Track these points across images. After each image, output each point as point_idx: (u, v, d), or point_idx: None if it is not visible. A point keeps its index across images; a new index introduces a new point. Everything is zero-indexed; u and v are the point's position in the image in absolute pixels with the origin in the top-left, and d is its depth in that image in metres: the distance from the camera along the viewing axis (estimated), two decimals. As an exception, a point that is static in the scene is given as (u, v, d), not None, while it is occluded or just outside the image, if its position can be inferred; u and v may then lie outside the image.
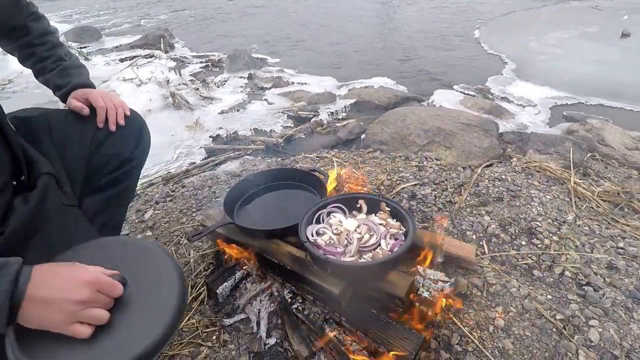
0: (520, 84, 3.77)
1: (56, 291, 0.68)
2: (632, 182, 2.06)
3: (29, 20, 1.23)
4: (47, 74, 1.27)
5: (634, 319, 1.28)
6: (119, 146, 1.24)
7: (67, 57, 1.30)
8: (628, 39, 4.74)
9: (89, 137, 1.18)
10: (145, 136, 1.34)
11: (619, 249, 1.57)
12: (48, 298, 0.67)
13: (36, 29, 1.25)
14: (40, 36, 1.26)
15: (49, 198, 0.93)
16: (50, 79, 1.27)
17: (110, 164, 1.22)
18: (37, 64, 1.28)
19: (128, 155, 1.25)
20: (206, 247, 1.72)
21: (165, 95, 3.72)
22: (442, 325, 1.29)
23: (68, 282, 0.70)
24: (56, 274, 0.71)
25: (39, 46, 1.25)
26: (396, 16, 7.14)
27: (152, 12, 9.31)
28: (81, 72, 1.31)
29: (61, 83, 1.26)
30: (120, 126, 1.24)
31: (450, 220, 1.78)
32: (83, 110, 1.20)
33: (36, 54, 1.26)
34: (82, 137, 1.18)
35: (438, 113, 2.65)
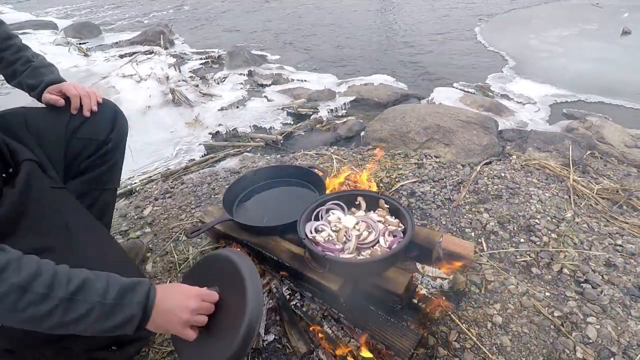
0: (520, 81, 3.76)
1: (176, 303, 0.90)
2: (631, 179, 2.06)
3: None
4: (18, 77, 1.30)
5: (631, 316, 1.28)
6: (94, 130, 1.29)
7: (34, 58, 1.34)
8: (628, 36, 4.72)
9: (64, 125, 1.24)
10: (119, 119, 1.38)
11: (617, 246, 1.58)
12: (171, 309, 0.88)
13: None
14: (4, 40, 1.28)
15: (33, 181, 0.98)
16: (23, 81, 1.30)
17: (88, 148, 1.27)
18: (7, 68, 1.31)
19: (103, 139, 1.31)
20: (205, 243, 1.72)
21: (164, 91, 3.71)
22: (440, 322, 1.29)
23: (183, 295, 0.92)
24: (173, 290, 0.93)
25: (5, 50, 1.28)
26: (396, 13, 7.12)
27: (152, 8, 9.27)
28: (52, 70, 1.35)
29: (34, 83, 1.29)
30: (93, 112, 1.30)
31: (449, 217, 1.78)
32: (58, 102, 1.26)
33: (4, 59, 1.29)
34: (58, 126, 1.23)
35: (437, 110, 2.65)
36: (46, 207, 0.99)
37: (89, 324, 0.79)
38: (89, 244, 1.06)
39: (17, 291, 0.73)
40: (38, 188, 0.99)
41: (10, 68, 1.30)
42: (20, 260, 0.76)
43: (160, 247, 1.77)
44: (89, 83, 3.95)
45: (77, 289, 0.79)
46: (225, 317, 1.00)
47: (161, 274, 1.63)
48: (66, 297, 0.77)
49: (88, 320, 0.78)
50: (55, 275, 0.78)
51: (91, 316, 0.78)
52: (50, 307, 0.75)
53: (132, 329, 0.83)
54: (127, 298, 0.83)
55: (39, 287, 0.75)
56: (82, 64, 4.78)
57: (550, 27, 5.33)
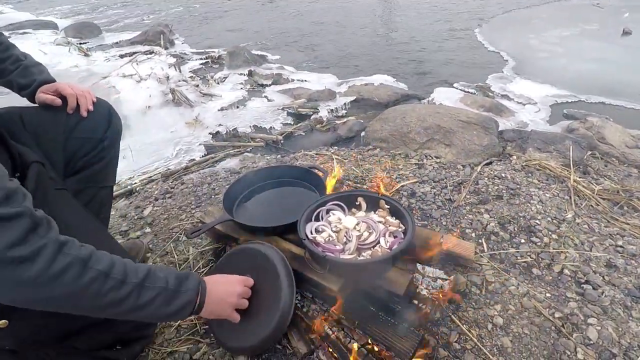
0: (521, 81, 3.75)
1: (225, 288, 1.08)
2: (632, 180, 2.06)
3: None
4: (8, 76, 1.29)
5: (632, 317, 1.28)
6: (91, 129, 1.30)
7: (23, 57, 1.33)
8: (629, 36, 4.72)
9: (62, 125, 1.25)
10: (114, 117, 1.39)
11: (618, 247, 1.57)
12: (221, 295, 1.05)
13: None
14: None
15: (41, 183, 0.99)
16: (14, 80, 1.29)
17: (84, 146, 1.28)
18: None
19: (100, 137, 1.32)
20: (205, 243, 1.72)
21: (164, 91, 3.70)
22: (441, 323, 1.29)
23: (229, 282, 1.11)
24: (219, 278, 1.11)
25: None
26: (396, 13, 7.11)
27: (152, 9, 9.27)
28: (41, 69, 1.35)
29: (26, 82, 1.29)
30: (89, 111, 1.31)
31: (449, 218, 1.78)
32: (55, 102, 1.26)
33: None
34: (55, 126, 1.24)
35: (438, 111, 2.65)
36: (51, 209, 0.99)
37: (153, 309, 0.87)
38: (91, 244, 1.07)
39: (102, 277, 0.81)
40: (44, 190, 0.99)
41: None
42: (97, 251, 0.84)
43: (161, 247, 1.77)
44: (89, 83, 3.95)
45: (145, 276, 0.88)
46: (259, 303, 1.19)
47: (161, 274, 1.62)
48: (138, 282, 0.86)
49: (153, 305, 0.87)
50: (126, 265, 0.86)
51: (156, 301, 0.88)
52: (127, 292, 0.83)
53: (186, 314, 0.95)
54: (184, 285, 0.94)
55: (118, 273, 0.83)
56: (82, 63, 4.78)
57: (551, 27, 5.33)
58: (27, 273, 0.71)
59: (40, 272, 0.72)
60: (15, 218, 0.71)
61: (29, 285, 0.72)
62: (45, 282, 0.73)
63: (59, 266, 0.75)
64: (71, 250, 0.78)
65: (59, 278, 0.75)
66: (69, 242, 0.79)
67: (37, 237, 0.74)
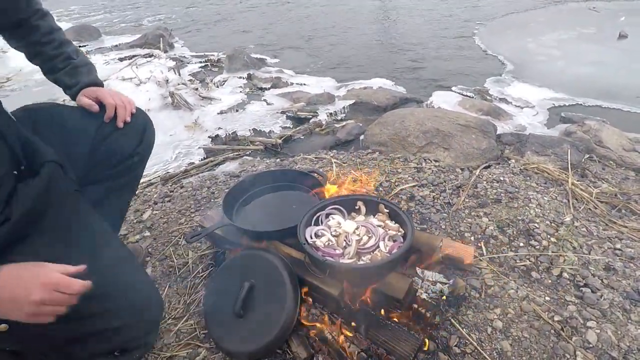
0: (519, 85, 3.77)
1: (16, 293, 0.80)
2: (630, 183, 2.07)
3: (35, 19, 1.24)
4: (56, 73, 1.29)
5: (631, 320, 1.28)
6: (123, 142, 1.28)
7: (75, 55, 1.32)
8: (625, 40, 4.75)
9: (94, 130, 1.23)
10: (149, 133, 1.38)
11: (616, 250, 1.58)
12: (10, 299, 0.79)
13: (42, 27, 1.25)
14: (47, 34, 1.26)
15: (55, 184, 0.96)
16: (60, 79, 1.29)
17: (113, 157, 1.26)
18: (46, 63, 1.29)
19: (130, 151, 1.30)
20: (205, 247, 1.72)
21: (164, 95, 3.71)
22: (441, 326, 1.29)
23: (28, 284, 0.81)
24: (20, 277, 0.82)
25: (47, 44, 1.26)
26: (395, 18, 7.15)
27: (152, 12, 9.29)
28: (90, 70, 1.34)
29: (71, 83, 1.29)
30: (126, 122, 1.29)
31: (448, 221, 1.78)
32: (93, 107, 1.25)
33: (44, 53, 1.27)
34: (87, 130, 1.22)
35: (436, 114, 2.66)
36: (64, 211, 0.98)
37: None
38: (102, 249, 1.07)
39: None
40: (59, 191, 0.98)
41: (49, 63, 1.28)
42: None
43: (160, 251, 1.76)
44: (88, 86, 3.94)
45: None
46: (262, 308, 1.20)
47: (160, 278, 1.62)
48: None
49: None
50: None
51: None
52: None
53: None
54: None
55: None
56: (81, 67, 4.77)
57: (548, 31, 5.36)
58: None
59: None
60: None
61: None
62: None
63: None
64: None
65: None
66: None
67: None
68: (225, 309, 1.25)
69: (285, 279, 1.23)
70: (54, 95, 4.00)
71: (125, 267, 1.15)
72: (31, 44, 1.27)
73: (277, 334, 1.16)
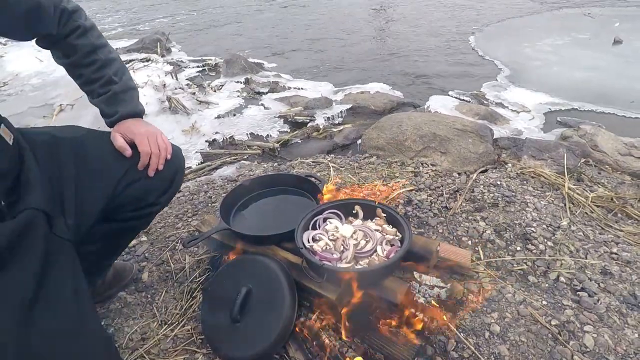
0: (515, 89, 3.80)
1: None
2: (625, 187, 2.08)
3: (73, 38, 1.14)
4: (95, 98, 1.21)
5: (628, 324, 1.29)
6: (149, 190, 1.20)
7: (117, 77, 1.21)
8: (620, 45, 4.80)
9: (120, 174, 1.13)
10: (177, 180, 1.30)
11: (612, 254, 1.59)
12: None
13: (82, 47, 1.15)
14: (87, 54, 1.16)
15: (29, 233, 0.83)
16: (99, 105, 1.21)
17: (134, 203, 1.19)
18: (86, 86, 1.21)
19: (154, 200, 1.23)
20: (202, 252, 1.71)
21: (161, 99, 3.71)
22: (438, 331, 1.29)
23: None
24: None
25: (87, 67, 1.17)
26: (391, 22, 7.19)
27: (148, 16, 9.31)
28: (131, 96, 1.24)
29: (109, 112, 1.20)
30: (158, 171, 1.20)
31: (445, 225, 1.78)
32: (125, 152, 1.15)
33: (84, 75, 1.18)
34: (111, 172, 1.13)
35: (434, 119, 2.67)
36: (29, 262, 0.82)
37: None
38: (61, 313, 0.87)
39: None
40: (30, 242, 0.83)
41: (89, 86, 1.20)
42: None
43: (157, 256, 1.76)
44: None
45: None
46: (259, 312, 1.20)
47: (157, 283, 1.61)
48: None
49: None
50: None
51: None
52: None
53: None
54: None
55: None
56: (78, 71, 4.77)
57: (544, 36, 5.41)
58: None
59: None
60: None
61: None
62: None
63: None
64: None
65: None
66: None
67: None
68: (223, 314, 1.25)
69: (283, 284, 1.22)
70: (50, 101, 4.00)
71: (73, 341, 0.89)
72: (72, 65, 1.19)
73: (275, 339, 1.16)
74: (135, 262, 1.70)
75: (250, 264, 1.32)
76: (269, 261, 1.29)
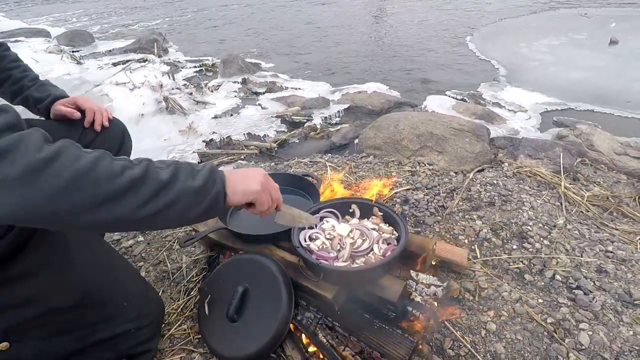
0: (512, 89, 3.81)
1: (243, 173, 0.91)
2: (621, 186, 2.09)
3: (2, 50, 1.33)
4: (25, 91, 1.33)
5: (623, 322, 1.29)
6: (105, 147, 1.27)
7: (40, 77, 1.39)
8: (616, 46, 4.83)
9: (77, 139, 1.20)
10: (127, 139, 1.44)
11: (608, 252, 1.59)
12: (241, 177, 0.88)
13: (9, 56, 1.34)
14: (14, 61, 1.35)
15: None
16: (30, 95, 1.33)
17: None
18: (13, 85, 1.33)
19: None
20: (199, 252, 1.71)
21: (158, 99, 3.70)
22: (435, 329, 1.29)
23: (245, 171, 0.93)
24: (244, 170, 0.94)
25: (14, 69, 1.33)
26: (389, 22, 7.20)
27: (145, 17, 9.29)
28: (57, 87, 1.39)
29: (42, 96, 1.33)
30: (105, 128, 1.33)
31: (442, 224, 1.79)
32: (74, 114, 1.29)
33: (12, 76, 1.32)
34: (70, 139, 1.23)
35: (430, 118, 2.67)
36: None
37: (185, 206, 0.76)
38: (98, 256, 1.08)
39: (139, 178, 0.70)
40: None
41: (17, 84, 1.33)
42: None
43: (153, 255, 1.75)
44: (81, 91, 3.93)
45: (175, 171, 0.76)
46: (256, 312, 1.20)
47: (154, 283, 1.61)
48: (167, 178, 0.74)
49: (186, 202, 0.76)
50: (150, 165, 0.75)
51: (188, 197, 0.76)
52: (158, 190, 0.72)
53: (220, 206, 0.83)
54: (210, 177, 0.82)
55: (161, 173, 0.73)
56: (75, 71, 4.76)
57: (541, 36, 5.43)
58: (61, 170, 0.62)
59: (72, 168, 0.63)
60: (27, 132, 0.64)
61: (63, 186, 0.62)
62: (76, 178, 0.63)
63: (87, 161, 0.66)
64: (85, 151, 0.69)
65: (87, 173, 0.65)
66: None
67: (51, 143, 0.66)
68: (219, 313, 1.24)
69: (280, 283, 1.22)
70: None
71: (123, 273, 1.15)
72: None
73: (272, 338, 1.16)
74: (132, 262, 1.70)
75: (246, 263, 1.32)
76: (265, 260, 1.29)
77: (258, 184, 0.90)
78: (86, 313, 0.98)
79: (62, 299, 0.94)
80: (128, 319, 1.09)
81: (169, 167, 0.77)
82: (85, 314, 0.98)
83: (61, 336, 0.88)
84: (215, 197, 0.80)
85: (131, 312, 1.11)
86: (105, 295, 1.04)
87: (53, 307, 0.92)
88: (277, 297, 1.20)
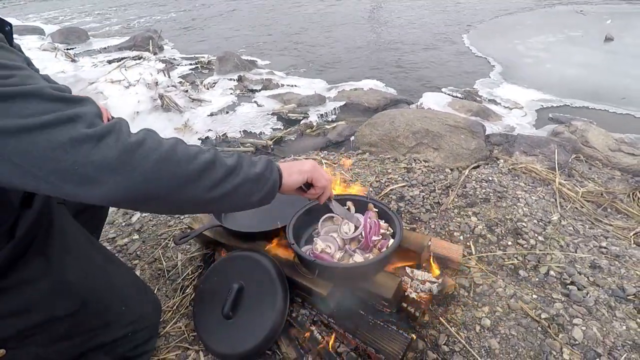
0: (508, 86, 3.82)
1: (291, 163, 1.01)
2: (615, 182, 2.10)
3: None
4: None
5: (616, 317, 1.30)
6: None
7: None
8: (611, 42, 4.84)
9: None
10: None
11: (602, 248, 1.60)
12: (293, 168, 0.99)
13: None
14: None
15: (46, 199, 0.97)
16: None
17: None
18: None
19: None
20: (194, 249, 1.71)
21: (153, 97, 3.68)
22: (430, 325, 1.29)
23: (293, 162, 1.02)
24: None
25: None
26: (385, 19, 7.19)
27: (140, 14, 9.23)
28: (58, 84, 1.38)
29: None
30: None
31: (437, 221, 1.79)
32: None
33: None
34: None
35: (426, 115, 2.68)
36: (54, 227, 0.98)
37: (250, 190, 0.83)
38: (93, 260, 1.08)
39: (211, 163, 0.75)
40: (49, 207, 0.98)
41: None
42: None
43: (149, 253, 1.75)
44: (76, 89, 3.90)
45: (239, 159, 0.83)
46: (251, 309, 1.20)
47: (149, 281, 1.61)
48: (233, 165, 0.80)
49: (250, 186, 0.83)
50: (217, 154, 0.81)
51: (252, 182, 0.83)
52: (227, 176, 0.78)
53: (274, 193, 0.93)
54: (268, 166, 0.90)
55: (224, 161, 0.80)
56: (69, 69, 4.73)
57: (536, 33, 5.44)
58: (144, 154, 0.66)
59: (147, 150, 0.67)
60: None
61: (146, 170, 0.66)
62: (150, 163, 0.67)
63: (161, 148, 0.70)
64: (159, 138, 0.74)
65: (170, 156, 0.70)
66: None
67: None
68: (215, 311, 1.24)
69: (275, 280, 1.22)
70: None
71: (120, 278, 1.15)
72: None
73: (267, 335, 1.16)
74: (127, 260, 1.70)
75: (242, 260, 1.32)
76: (260, 257, 1.29)
77: (310, 164, 1.01)
78: (85, 320, 0.99)
79: (61, 307, 0.94)
80: (126, 323, 1.10)
81: (231, 155, 0.84)
82: (84, 321, 0.98)
83: (60, 343, 0.88)
84: (273, 182, 0.90)
85: (129, 316, 1.11)
86: (104, 302, 1.04)
87: (52, 315, 0.92)
88: (272, 294, 1.20)
